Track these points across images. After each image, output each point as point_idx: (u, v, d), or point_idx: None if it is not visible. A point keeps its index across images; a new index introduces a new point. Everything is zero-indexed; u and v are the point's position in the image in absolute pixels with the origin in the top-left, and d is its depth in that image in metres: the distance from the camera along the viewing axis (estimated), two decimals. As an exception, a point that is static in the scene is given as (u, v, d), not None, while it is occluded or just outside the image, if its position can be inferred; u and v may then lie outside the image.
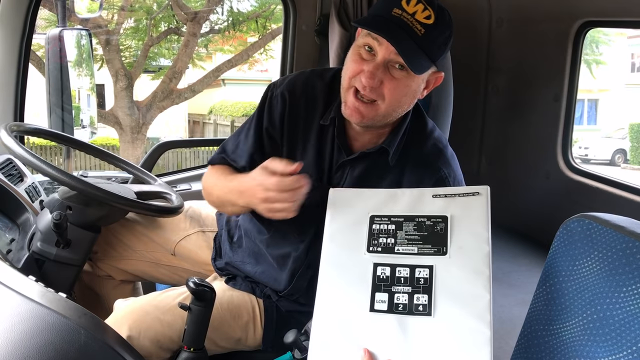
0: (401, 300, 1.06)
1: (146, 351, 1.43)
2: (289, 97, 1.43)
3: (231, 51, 9.76)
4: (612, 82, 13.22)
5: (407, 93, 1.30)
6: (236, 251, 1.61)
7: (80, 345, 0.76)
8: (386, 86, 1.27)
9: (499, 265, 2.22)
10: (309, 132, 1.43)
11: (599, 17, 2.21)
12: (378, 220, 1.15)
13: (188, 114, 13.63)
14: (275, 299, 1.54)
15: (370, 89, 1.26)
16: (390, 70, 1.27)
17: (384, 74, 1.26)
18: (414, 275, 1.08)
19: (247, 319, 1.54)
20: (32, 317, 0.79)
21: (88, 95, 2.53)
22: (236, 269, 1.60)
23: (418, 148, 1.41)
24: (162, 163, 8.36)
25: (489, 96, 2.67)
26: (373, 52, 1.27)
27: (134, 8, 8.82)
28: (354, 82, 1.29)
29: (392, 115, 1.33)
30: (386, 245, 1.12)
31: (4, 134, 1.58)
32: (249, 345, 1.58)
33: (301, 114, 1.43)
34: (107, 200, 1.57)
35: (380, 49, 1.25)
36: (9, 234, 1.72)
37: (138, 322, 1.43)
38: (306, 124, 1.43)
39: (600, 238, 1.03)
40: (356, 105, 1.29)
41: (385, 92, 1.27)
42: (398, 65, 1.26)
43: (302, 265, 1.47)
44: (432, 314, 1.04)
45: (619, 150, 12.60)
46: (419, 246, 1.11)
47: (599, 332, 0.99)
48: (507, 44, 2.55)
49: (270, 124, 1.45)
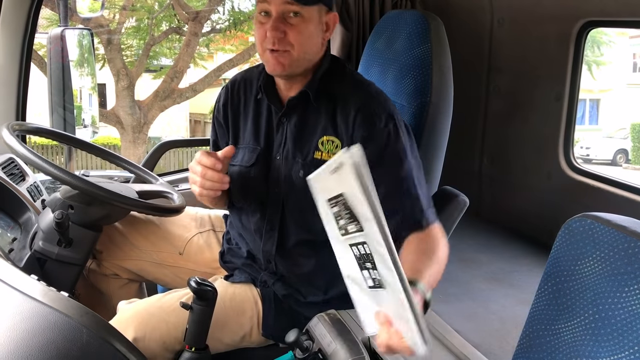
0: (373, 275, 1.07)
1: (152, 353, 1.44)
2: (230, 87, 1.67)
3: (232, 50, 9.77)
4: (613, 82, 13.21)
5: (310, 35, 1.47)
6: (231, 241, 1.71)
7: (82, 344, 0.76)
8: (290, 35, 1.44)
9: (500, 266, 2.23)
10: (247, 110, 1.63)
11: (600, 17, 2.21)
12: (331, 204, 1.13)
13: (189, 114, 13.65)
14: (271, 283, 1.58)
15: (279, 41, 1.44)
16: (288, 20, 1.44)
17: (284, 25, 1.44)
18: (366, 252, 1.07)
19: (250, 314, 1.56)
20: (34, 316, 0.79)
21: (90, 95, 2.53)
22: (234, 253, 1.67)
23: (342, 90, 1.54)
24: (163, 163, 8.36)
25: (490, 96, 2.67)
26: (269, 15, 1.45)
27: (136, 7, 8.84)
28: (265, 44, 1.46)
29: (305, 58, 1.49)
30: (342, 227, 1.11)
31: (6, 133, 1.58)
32: (253, 341, 1.59)
33: (240, 98, 1.64)
34: (109, 199, 1.57)
35: (272, 7, 1.44)
36: (11, 233, 1.72)
37: (143, 324, 1.44)
38: (245, 105, 1.64)
39: (602, 238, 1.02)
40: (274, 57, 1.46)
41: (292, 39, 1.44)
42: (292, 14, 1.44)
43: (263, 227, 1.57)
44: (384, 286, 1.05)
45: (621, 150, 12.59)
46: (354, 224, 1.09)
47: (601, 332, 0.99)
48: (509, 43, 2.54)
49: (218, 112, 1.68)
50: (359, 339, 1.32)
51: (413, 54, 1.82)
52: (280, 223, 1.55)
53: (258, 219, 1.59)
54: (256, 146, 1.58)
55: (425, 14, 1.83)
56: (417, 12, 1.88)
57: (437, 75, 1.77)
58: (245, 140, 1.61)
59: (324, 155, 1.51)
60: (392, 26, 1.90)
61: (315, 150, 1.52)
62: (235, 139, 1.64)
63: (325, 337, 1.34)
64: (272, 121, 1.58)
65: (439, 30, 1.80)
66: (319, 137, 1.52)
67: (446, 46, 1.80)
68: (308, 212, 1.41)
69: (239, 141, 1.63)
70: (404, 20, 1.87)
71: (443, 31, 1.80)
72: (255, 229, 1.59)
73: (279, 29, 1.43)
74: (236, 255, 1.67)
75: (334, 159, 1.03)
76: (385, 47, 1.93)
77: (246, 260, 1.64)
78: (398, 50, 1.87)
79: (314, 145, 1.52)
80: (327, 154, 1.51)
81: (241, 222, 1.65)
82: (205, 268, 1.77)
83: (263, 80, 1.57)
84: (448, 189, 1.78)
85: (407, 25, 1.84)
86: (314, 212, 1.31)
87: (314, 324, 1.40)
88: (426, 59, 1.78)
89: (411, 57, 1.82)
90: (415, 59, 1.81)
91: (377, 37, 1.96)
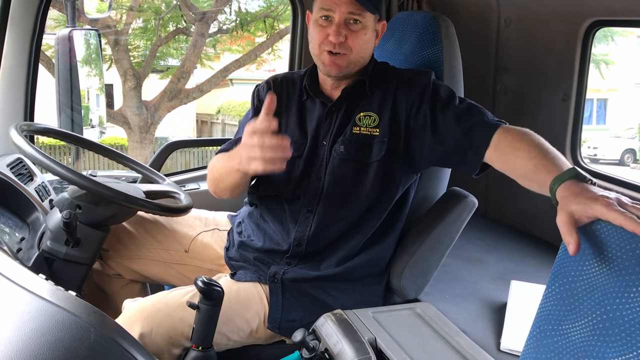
0: None
1: (158, 348, 1.46)
2: (272, 82, 1.77)
3: (239, 51, 9.78)
4: (621, 82, 13.13)
5: (367, 40, 1.60)
6: (243, 234, 1.74)
7: (90, 343, 0.77)
8: (349, 39, 1.57)
9: (507, 266, 2.22)
10: (290, 108, 1.71)
11: (608, 17, 2.19)
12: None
13: (196, 114, 13.67)
14: (281, 273, 1.61)
15: (339, 45, 1.56)
16: (349, 26, 1.57)
17: (346, 30, 1.56)
18: None
19: (256, 309, 1.59)
20: (42, 315, 0.80)
21: (97, 95, 2.54)
22: (247, 247, 1.69)
23: (390, 75, 1.69)
24: (170, 163, 8.39)
25: (497, 96, 2.66)
26: (330, 18, 1.57)
27: (143, 8, 8.85)
28: (323, 46, 1.59)
29: (360, 61, 1.63)
30: None
31: (14, 134, 1.59)
32: (260, 337, 1.60)
33: (283, 95, 1.72)
34: (117, 199, 1.58)
35: (335, 11, 1.55)
36: (19, 233, 1.73)
37: (149, 320, 1.45)
38: (288, 103, 1.72)
39: (610, 238, 1.02)
40: (332, 59, 1.59)
41: (351, 44, 1.58)
42: (352, 20, 1.56)
43: (300, 212, 1.64)
44: None
45: (629, 150, 12.52)
46: None
47: (608, 332, 0.98)
48: (516, 43, 2.53)
49: (260, 104, 1.72)
50: (365, 339, 1.32)
51: (423, 55, 1.82)
52: (317, 204, 1.63)
53: (294, 205, 1.65)
54: (302, 139, 1.67)
55: (436, 15, 1.83)
56: (427, 14, 1.88)
57: (448, 76, 1.77)
58: (289, 133, 1.67)
59: (362, 129, 1.62)
60: (402, 27, 1.90)
61: (353, 126, 1.63)
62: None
63: (332, 337, 1.34)
64: (320, 115, 1.67)
65: (450, 31, 1.80)
66: (357, 114, 1.64)
67: (456, 47, 1.80)
68: (347, 188, 1.61)
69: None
70: (414, 22, 1.87)
71: (453, 32, 1.81)
72: (290, 215, 1.65)
73: (341, 34, 1.55)
74: (248, 249, 1.68)
75: None
76: (395, 49, 1.93)
77: (259, 254, 1.65)
78: (408, 52, 1.87)
79: (352, 122, 1.63)
80: (365, 129, 1.62)
81: (268, 212, 1.69)
82: (210, 265, 1.80)
83: (307, 81, 1.69)
84: (457, 190, 1.78)
85: (417, 27, 1.84)
86: (352, 187, 1.61)
87: (320, 324, 1.40)
88: (437, 60, 1.78)
89: (422, 58, 1.83)
90: (426, 60, 1.81)
91: (387, 38, 1.96)
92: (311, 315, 1.50)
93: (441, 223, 1.72)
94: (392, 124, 1.61)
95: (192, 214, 1.87)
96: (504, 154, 1.43)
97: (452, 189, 1.81)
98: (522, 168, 1.35)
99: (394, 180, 1.63)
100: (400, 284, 1.70)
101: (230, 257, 1.73)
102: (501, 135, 1.46)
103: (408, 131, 1.60)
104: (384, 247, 1.68)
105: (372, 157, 1.60)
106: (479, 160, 1.49)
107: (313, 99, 1.69)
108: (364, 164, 1.61)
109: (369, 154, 1.60)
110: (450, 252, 1.78)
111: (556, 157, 1.30)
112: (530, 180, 1.33)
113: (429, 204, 1.82)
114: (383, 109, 1.62)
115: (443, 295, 1.92)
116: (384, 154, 1.60)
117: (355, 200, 1.62)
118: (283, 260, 1.63)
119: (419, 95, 1.59)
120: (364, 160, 1.61)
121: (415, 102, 1.59)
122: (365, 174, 1.61)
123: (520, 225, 2.55)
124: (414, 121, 1.59)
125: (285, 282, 1.60)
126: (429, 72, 1.66)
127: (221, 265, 1.78)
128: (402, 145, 1.61)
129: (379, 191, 1.62)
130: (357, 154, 1.61)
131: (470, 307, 1.85)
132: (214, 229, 1.88)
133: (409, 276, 1.70)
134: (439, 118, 1.56)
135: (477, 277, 2.09)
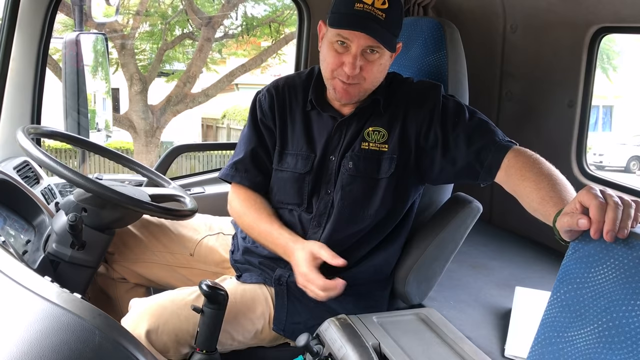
0: None
1: (165, 346, 1.46)
2: (274, 91, 1.69)
3: (245, 56, 9.81)
4: (628, 88, 13.08)
5: (382, 69, 1.55)
6: (247, 239, 1.72)
7: (94, 345, 0.77)
8: (365, 70, 1.51)
9: (512, 272, 2.21)
10: (294, 117, 1.67)
11: (614, 23, 2.19)
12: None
13: (202, 118, 13.70)
14: (286, 277, 1.60)
15: (354, 77, 1.50)
16: (365, 56, 1.50)
17: (361, 61, 1.49)
18: None
19: (261, 310, 1.59)
20: (48, 317, 0.80)
21: (103, 99, 2.55)
22: (252, 253, 1.69)
23: (400, 88, 1.64)
24: (175, 167, 8.40)
25: (503, 102, 2.66)
26: (346, 45, 1.49)
27: (149, 13, 8.90)
28: (336, 74, 1.52)
29: (372, 88, 1.58)
30: None
31: (21, 137, 1.60)
32: (264, 338, 1.60)
33: (286, 103, 1.68)
34: (122, 202, 1.58)
35: (353, 41, 1.47)
36: (25, 236, 1.74)
37: (156, 317, 1.46)
38: (292, 112, 1.67)
39: (616, 245, 1.02)
40: (344, 88, 1.53)
41: (366, 75, 1.52)
42: (369, 50, 1.49)
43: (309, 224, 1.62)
44: None
45: (635, 157, 12.45)
46: None
47: (614, 339, 0.98)
48: (522, 49, 2.53)
49: (263, 115, 1.69)
50: (369, 344, 1.32)
51: (428, 60, 1.82)
52: (327, 219, 1.61)
53: (303, 219, 1.63)
54: (310, 153, 1.63)
55: (441, 21, 1.83)
56: (432, 20, 1.88)
57: (453, 81, 1.77)
58: (295, 146, 1.65)
59: (371, 145, 1.59)
60: (408, 33, 1.90)
61: (362, 141, 1.60)
62: (283, 144, 1.67)
63: (336, 342, 1.34)
64: (330, 129, 1.63)
65: (454, 37, 1.80)
66: (366, 129, 1.60)
67: (462, 53, 1.80)
68: (357, 204, 1.59)
69: (286, 147, 1.67)
70: (419, 27, 1.87)
71: (459, 38, 1.80)
72: (300, 229, 1.63)
73: (357, 67, 1.49)
74: (253, 254, 1.68)
75: None
76: (400, 54, 1.93)
77: (264, 260, 1.65)
78: (414, 57, 1.88)
79: (361, 136, 1.60)
80: (374, 144, 1.59)
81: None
82: (215, 268, 1.81)
83: (313, 95, 1.64)
84: (462, 195, 1.77)
85: (423, 32, 1.84)
86: (362, 204, 1.59)
87: (324, 329, 1.40)
88: (442, 65, 1.78)
89: (427, 64, 1.83)
90: (431, 66, 1.81)
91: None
92: (316, 318, 1.50)
93: (445, 228, 1.71)
94: (402, 140, 1.59)
95: (197, 218, 1.87)
96: (513, 181, 1.42)
97: (457, 194, 1.80)
98: (529, 198, 1.34)
99: (404, 196, 1.63)
100: (404, 289, 1.70)
101: (236, 260, 1.74)
102: (512, 161, 1.45)
103: (419, 149, 1.59)
104: (390, 255, 1.68)
105: (380, 173, 1.59)
106: (490, 179, 1.51)
107: (319, 111, 1.65)
108: (373, 180, 1.59)
109: (378, 170, 1.59)
110: (454, 257, 1.78)
111: (563, 189, 1.29)
112: (535, 211, 1.32)
113: (434, 209, 1.82)
114: (393, 125, 1.60)
115: (447, 301, 1.91)
116: (394, 171, 1.58)
117: (364, 216, 1.60)
118: (288, 265, 1.63)
119: (429, 113, 1.57)
120: (373, 177, 1.59)
121: (426, 120, 1.57)
122: (375, 190, 1.59)
123: (525, 232, 2.54)
124: (425, 140, 1.57)
125: (290, 284, 1.60)
126: (439, 86, 1.64)
127: (226, 269, 1.78)
128: (413, 162, 1.59)
129: (390, 207, 1.61)
130: (366, 170, 1.59)
131: (474, 313, 1.84)
132: (218, 233, 1.88)
133: (413, 281, 1.70)
134: (450, 138, 1.54)
135: (481, 283, 2.09)
